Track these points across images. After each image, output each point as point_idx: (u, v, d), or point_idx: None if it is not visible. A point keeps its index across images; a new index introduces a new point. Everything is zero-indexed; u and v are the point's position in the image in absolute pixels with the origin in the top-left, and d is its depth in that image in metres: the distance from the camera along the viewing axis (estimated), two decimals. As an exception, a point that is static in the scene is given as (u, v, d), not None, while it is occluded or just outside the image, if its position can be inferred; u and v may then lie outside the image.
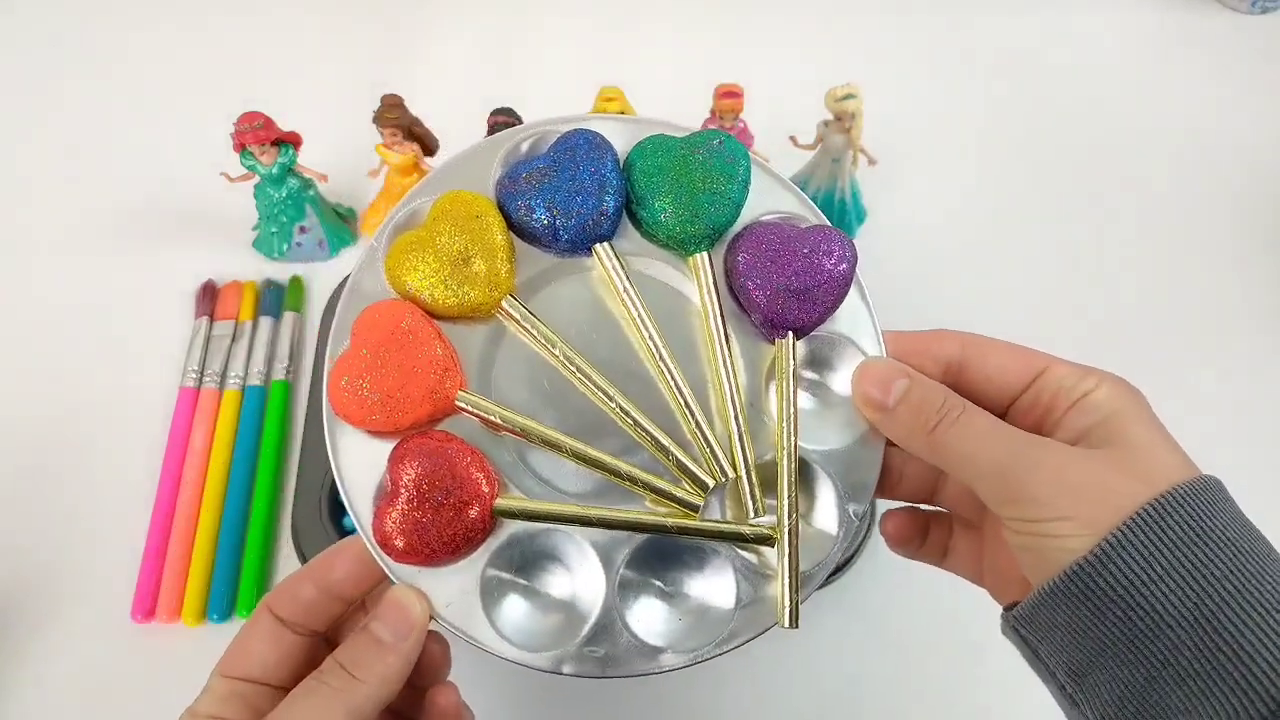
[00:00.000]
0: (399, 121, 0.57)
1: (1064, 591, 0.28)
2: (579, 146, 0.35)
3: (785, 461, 0.33)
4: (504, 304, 0.34)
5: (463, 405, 0.33)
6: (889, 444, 0.35)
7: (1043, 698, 0.50)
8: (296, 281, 0.63)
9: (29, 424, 0.57)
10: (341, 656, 0.31)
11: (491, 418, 0.33)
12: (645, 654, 0.32)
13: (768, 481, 0.34)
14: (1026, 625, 0.30)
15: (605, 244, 0.35)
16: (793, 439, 0.34)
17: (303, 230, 0.62)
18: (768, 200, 0.36)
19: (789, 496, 0.33)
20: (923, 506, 0.39)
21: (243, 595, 0.51)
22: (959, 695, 0.50)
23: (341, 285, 0.60)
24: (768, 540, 0.33)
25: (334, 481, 0.53)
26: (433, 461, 0.32)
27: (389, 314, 0.33)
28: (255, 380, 0.58)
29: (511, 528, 0.33)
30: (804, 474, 0.34)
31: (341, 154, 0.64)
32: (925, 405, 0.32)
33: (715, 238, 0.35)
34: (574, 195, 0.34)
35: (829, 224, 0.36)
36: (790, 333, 0.35)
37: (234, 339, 0.60)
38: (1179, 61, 0.77)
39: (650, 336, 0.35)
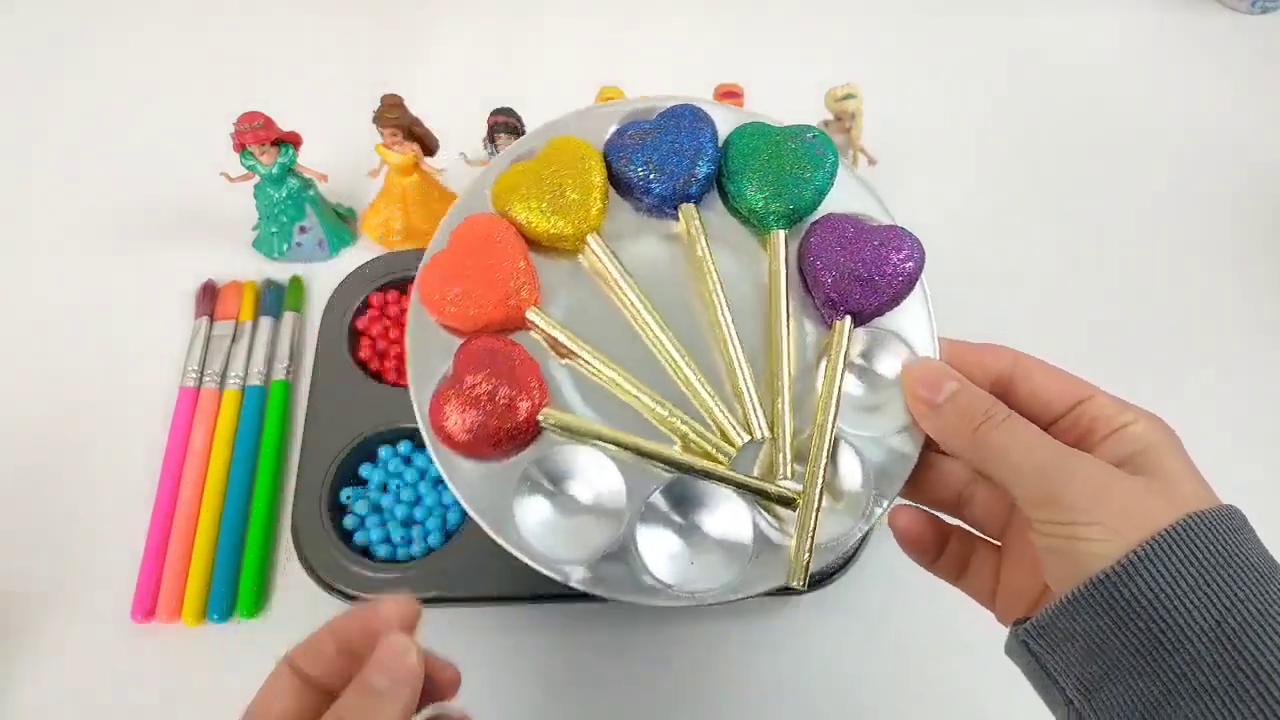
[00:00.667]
0: (399, 121, 0.57)
1: (1088, 599, 0.28)
2: (684, 116, 0.39)
3: (822, 433, 0.35)
4: (589, 240, 0.37)
5: (533, 319, 0.36)
6: (926, 445, 0.36)
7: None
8: (296, 281, 0.63)
9: (29, 424, 0.57)
10: (342, 711, 0.30)
11: (556, 334, 0.36)
12: (652, 588, 0.34)
13: (800, 454, 0.35)
14: (1040, 637, 0.30)
15: (692, 205, 0.38)
16: (833, 414, 0.35)
17: (303, 230, 0.62)
18: (849, 199, 0.39)
19: (819, 464, 0.34)
20: (945, 519, 0.38)
21: (243, 595, 0.51)
22: (959, 695, 0.50)
23: (341, 285, 0.60)
24: (790, 502, 0.35)
25: (334, 482, 0.53)
26: (494, 359, 0.35)
27: (486, 225, 0.37)
28: (255, 380, 0.58)
29: (551, 440, 0.35)
30: (837, 452, 0.36)
31: (341, 154, 0.64)
32: (972, 407, 0.33)
33: (794, 219, 0.38)
34: (671, 155, 0.37)
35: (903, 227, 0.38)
36: (849, 316, 0.37)
37: (234, 339, 0.60)
38: (1179, 61, 0.77)
39: (717, 294, 0.37)
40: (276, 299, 0.62)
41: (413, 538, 0.52)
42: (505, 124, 0.56)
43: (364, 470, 0.54)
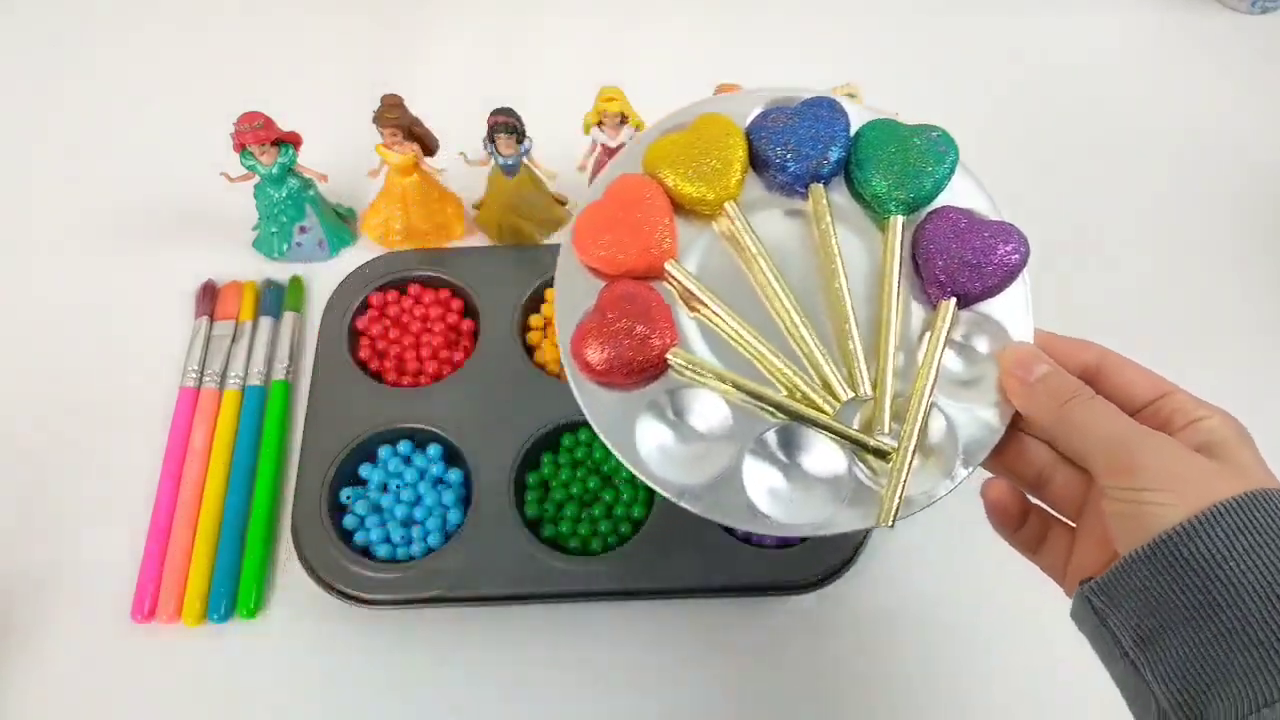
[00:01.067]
0: (399, 121, 0.57)
1: (1150, 557, 0.31)
2: (822, 106, 0.43)
3: (920, 397, 0.39)
4: (726, 206, 0.41)
5: (670, 270, 0.40)
6: (1012, 423, 0.39)
7: (1042, 697, 0.51)
8: (296, 281, 0.63)
9: (30, 424, 0.58)
10: None
11: (690, 285, 0.40)
12: (751, 513, 0.38)
13: (897, 414, 0.39)
14: (1103, 593, 0.33)
15: (821, 185, 0.42)
16: (931, 382, 0.39)
17: (303, 230, 0.62)
18: (964, 194, 0.42)
19: (916, 424, 0.38)
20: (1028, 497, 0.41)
21: (243, 596, 0.51)
22: (958, 695, 0.51)
23: (341, 285, 0.60)
24: (884, 455, 0.38)
25: (334, 482, 0.53)
26: (633, 299, 0.39)
27: (638, 184, 0.41)
28: (255, 380, 0.58)
29: (674, 379, 0.39)
30: (931, 416, 0.39)
31: (341, 154, 0.63)
32: (1061, 387, 0.37)
33: (913, 207, 0.41)
34: (808, 139, 0.42)
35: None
36: (954, 298, 0.40)
37: (234, 339, 0.60)
38: (1179, 61, 0.77)
39: (837, 265, 0.41)
40: (276, 299, 0.62)
41: (412, 537, 0.52)
42: (505, 124, 0.56)
43: (364, 470, 0.54)
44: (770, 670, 0.51)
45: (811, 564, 0.50)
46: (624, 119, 0.57)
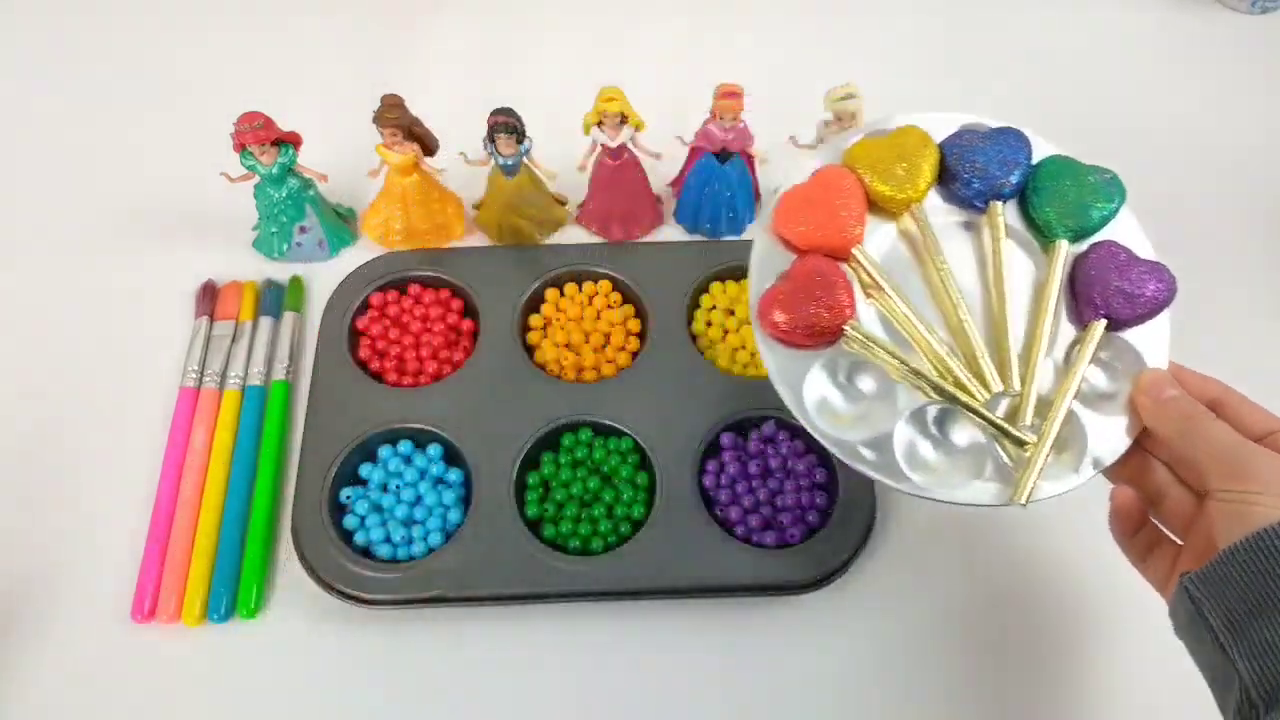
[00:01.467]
0: (399, 121, 0.57)
1: (1250, 548, 0.35)
2: (1010, 135, 0.48)
3: (1063, 398, 0.44)
4: (913, 208, 0.47)
5: (856, 254, 0.46)
6: (1137, 441, 0.44)
7: (1041, 696, 0.51)
8: (296, 281, 0.63)
9: (30, 423, 0.58)
10: None
11: (871, 270, 0.45)
12: (896, 473, 0.43)
13: (1039, 411, 0.44)
14: (1201, 583, 0.37)
15: (1000, 202, 0.47)
16: (1074, 389, 0.44)
17: (303, 230, 0.62)
18: (1126, 234, 0.48)
19: (1056, 421, 0.43)
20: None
21: (243, 595, 0.51)
22: (958, 695, 0.51)
23: (341, 285, 0.60)
24: (1023, 443, 0.43)
25: (334, 481, 0.53)
26: (822, 273, 0.44)
27: (840, 174, 0.47)
28: (255, 380, 0.58)
29: (847, 348, 0.44)
30: (1069, 418, 0.44)
31: (342, 154, 0.63)
32: (1187, 408, 0.42)
33: (1078, 236, 0.47)
34: (995, 161, 0.47)
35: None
36: (1105, 320, 0.45)
37: (234, 339, 0.60)
38: (1178, 61, 0.77)
39: (1003, 274, 0.46)
40: (276, 299, 0.62)
41: (413, 537, 0.52)
42: (505, 124, 0.56)
43: (364, 470, 0.54)
44: (770, 670, 0.51)
45: (811, 564, 0.50)
46: (624, 119, 0.57)
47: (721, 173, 0.60)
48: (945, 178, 0.48)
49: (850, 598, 0.52)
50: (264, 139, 0.56)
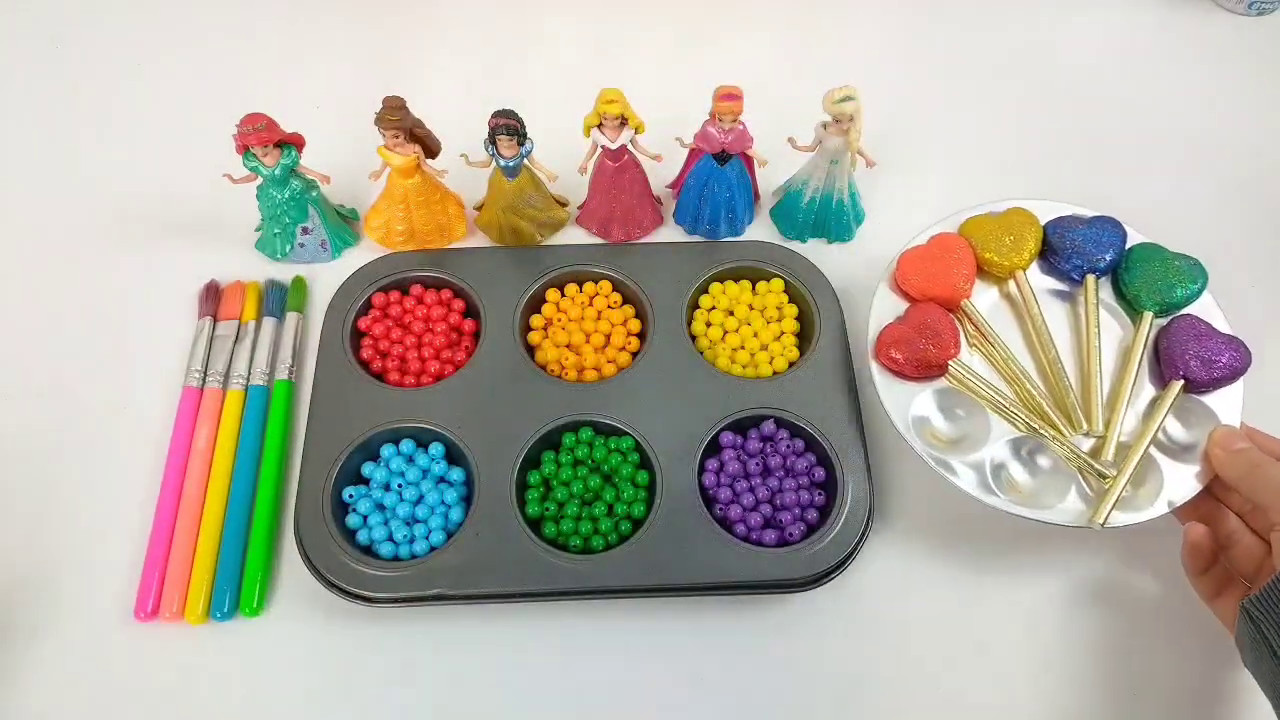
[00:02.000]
0: (401, 123, 0.57)
1: None
2: (1107, 222, 0.58)
3: (1141, 442, 0.51)
4: (1017, 274, 0.57)
5: (965, 307, 0.56)
6: (1209, 488, 0.50)
7: (1042, 697, 0.51)
8: (299, 282, 0.63)
9: (33, 423, 0.58)
10: None
11: (978, 320, 0.55)
12: (986, 491, 0.50)
13: (1119, 453, 0.52)
14: (1260, 603, 0.41)
15: (1094, 276, 0.57)
16: (1153, 434, 0.52)
17: (305, 231, 0.62)
18: (1205, 310, 0.56)
19: (1135, 459, 0.51)
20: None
21: (246, 594, 0.52)
22: (958, 695, 0.51)
23: (344, 285, 0.60)
24: (1104, 476, 0.50)
25: (337, 481, 0.53)
26: (934, 315, 0.54)
27: (955, 240, 0.57)
28: (258, 380, 0.58)
29: (949, 382, 0.53)
30: (1145, 460, 0.51)
31: (344, 156, 0.64)
32: (1256, 456, 0.49)
33: (1164, 311, 0.55)
34: (1091, 241, 0.57)
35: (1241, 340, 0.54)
36: (1182, 381, 0.53)
37: (237, 339, 0.60)
38: (1175, 63, 0.77)
39: (1094, 337, 0.55)
40: (279, 299, 0.62)
41: (415, 536, 0.52)
42: (506, 126, 0.57)
43: (367, 469, 0.54)
44: (770, 667, 0.51)
45: (811, 563, 0.51)
46: (624, 121, 0.57)
47: (721, 174, 0.61)
48: (1047, 252, 0.58)
49: (850, 596, 0.53)
50: (266, 140, 0.57)
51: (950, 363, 0.52)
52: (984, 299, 0.57)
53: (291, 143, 0.59)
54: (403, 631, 0.52)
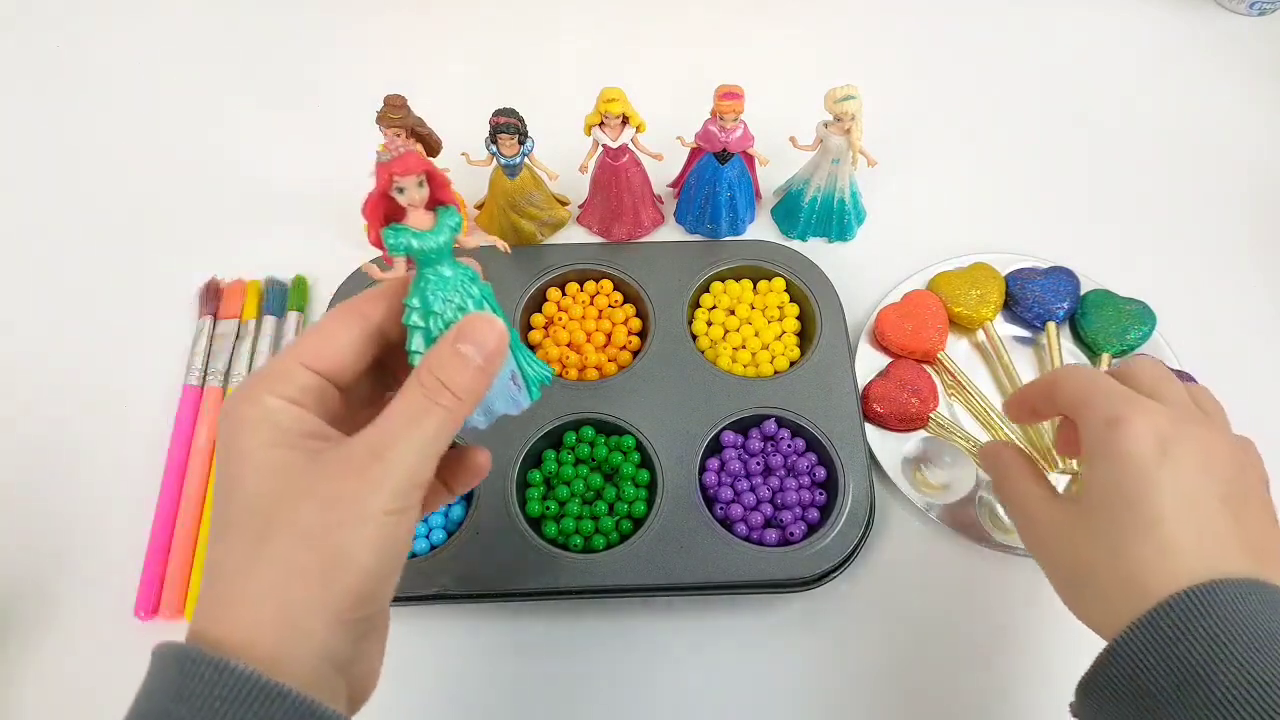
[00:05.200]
0: (402, 122, 0.57)
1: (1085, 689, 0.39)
2: (1063, 273, 0.62)
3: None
4: (985, 325, 0.61)
5: (942, 359, 0.59)
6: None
7: (1042, 698, 0.51)
8: (300, 281, 0.63)
9: (33, 421, 0.58)
10: (440, 374, 0.31)
11: (955, 372, 0.59)
12: (978, 532, 0.54)
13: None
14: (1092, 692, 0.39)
15: (1054, 324, 0.60)
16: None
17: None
18: (1156, 349, 0.60)
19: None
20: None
21: (246, 592, 0.51)
22: (958, 694, 0.51)
23: (344, 284, 0.60)
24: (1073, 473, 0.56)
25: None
26: (914, 372, 0.58)
27: (926, 297, 0.61)
28: (259, 379, 0.58)
29: (930, 431, 0.57)
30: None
31: (343, 155, 0.64)
32: (985, 458, 0.45)
33: (1120, 352, 0.59)
34: (1049, 291, 0.61)
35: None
36: None
37: (238, 337, 0.60)
38: (1176, 63, 0.77)
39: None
40: (280, 298, 0.62)
41: (415, 535, 0.52)
42: (507, 124, 0.57)
43: (367, 468, 0.54)
44: (771, 666, 0.51)
45: (812, 562, 0.51)
46: (625, 120, 0.57)
47: (722, 173, 0.61)
48: (1010, 303, 0.62)
49: (851, 595, 0.53)
50: (412, 169, 0.33)
51: (931, 414, 0.57)
52: (957, 349, 0.61)
53: (446, 200, 0.35)
54: (403, 630, 0.51)
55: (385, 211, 0.34)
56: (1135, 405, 0.37)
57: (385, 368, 0.35)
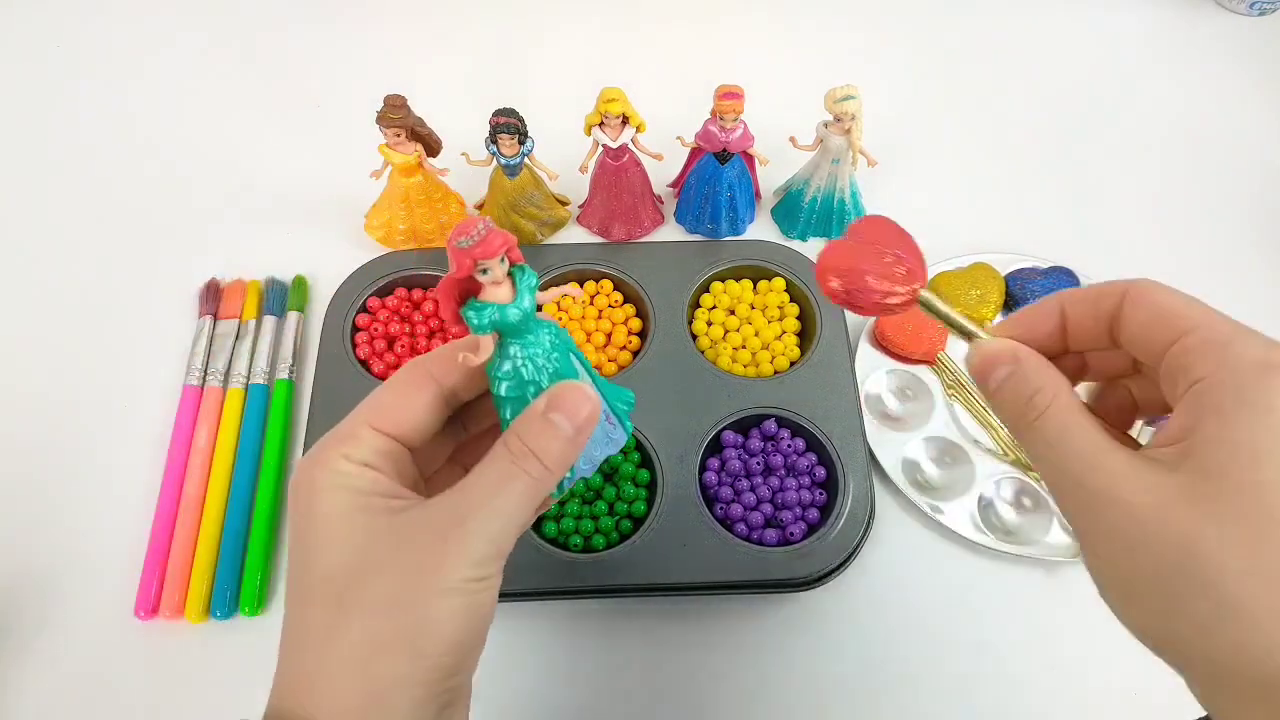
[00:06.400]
0: (402, 122, 0.57)
1: None
2: (1061, 271, 0.61)
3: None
4: (986, 325, 0.48)
5: (942, 360, 0.59)
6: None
7: (1044, 698, 0.51)
8: (300, 281, 0.63)
9: (33, 421, 0.58)
10: (529, 442, 0.30)
11: (955, 370, 0.59)
12: (977, 529, 0.54)
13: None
14: None
15: None
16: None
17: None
18: None
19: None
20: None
21: (245, 593, 0.51)
22: (958, 694, 0.51)
23: (344, 284, 0.60)
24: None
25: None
26: (897, 233, 0.33)
27: (922, 325, 0.60)
28: (259, 379, 0.58)
29: (938, 375, 0.57)
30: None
31: (342, 155, 0.64)
32: (1019, 394, 0.29)
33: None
34: (1048, 291, 0.58)
35: None
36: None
37: (238, 337, 0.60)
38: (1177, 62, 0.77)
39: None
40: (280, 298, 0.62)
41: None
42: (507, 124, 0.57)
43: (367, 468, 0.54)
44: (771, 666, 0.51)
45: (812, 562, 0.51)
46: (625, 120, 0.57)
47: (722, 173, 0.61)
48: (1010, 303, 0.61)
49: (851, 594, 0.52)
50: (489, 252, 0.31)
51: (923, 289, 0.34)
52: (957, 349, 0.59)
53: (517, 260, 0.33)
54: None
55: (460, 292, 0.32)
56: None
57: (455, 423, 0.34)
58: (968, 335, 0.32)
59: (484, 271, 0.31)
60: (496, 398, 0.32)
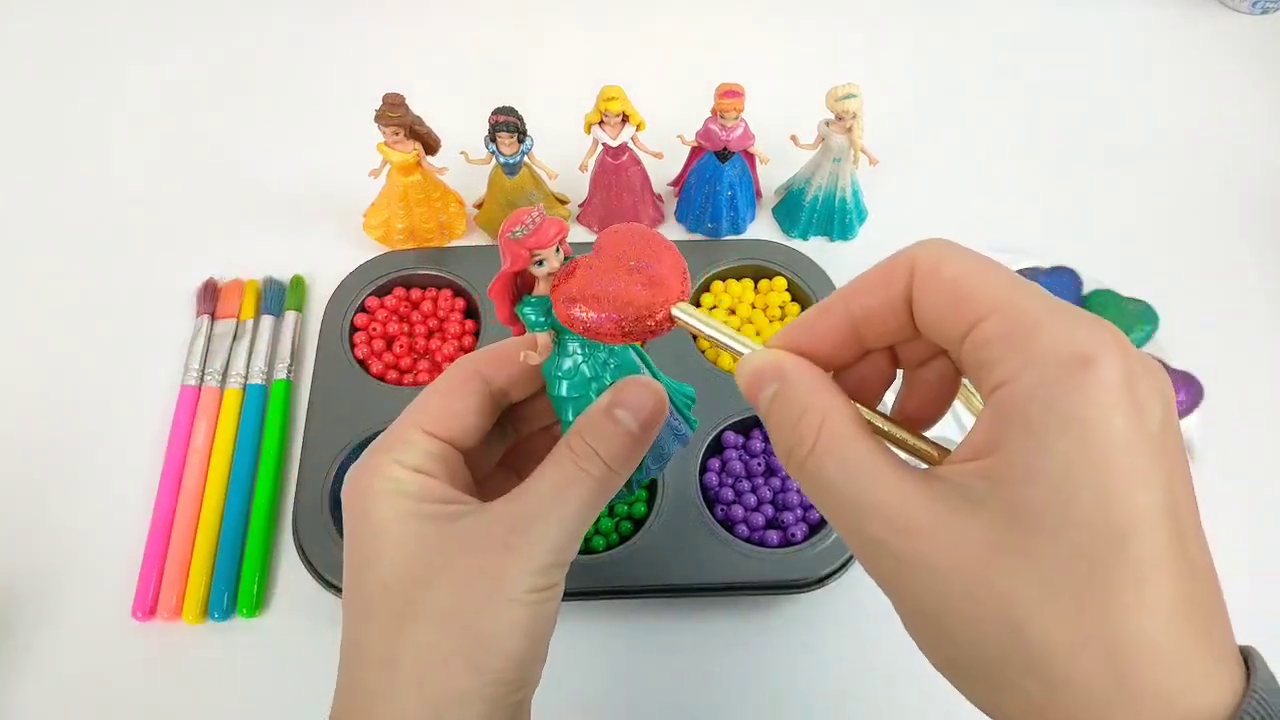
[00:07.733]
0: (401, 120, 0.57)
1: None
2: (1065, 272, 0.61)
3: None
4: None
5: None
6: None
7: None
8: (298, 280, 0.63)
9: (30, 421, 0.57)
10: (592, 440, 0.28)
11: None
12: None
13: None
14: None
15: None
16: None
17: None
18: (1161, 351, 0.59)
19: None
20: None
21: (243, 594, 0.51)
22: (961, 697, 0.50)
23: (343, 284, 0.60)
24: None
25: (335, 480, 0.53)
26: (641, 235, 0.29)
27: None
28: (257, 379, 0.58)
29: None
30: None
31: (341, 155, 0.63)
32: (782, 421, 0.24)
33: None
34: (1050, 291, 0.62)
35: None
36: None
37: (235, 337, 0.60)
38: (1178, 62, 0.77)
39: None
40: (278, 297, 0.62)
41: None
42: (506, 123, 0.56)
43: (365, 469, 0.54)
44: (773, 668, 0.51)
45: (814, 563, 0.50)
46: (625, 118, 0.57)
47: (722, 172, 0.60)
48: None
49: (853, 595, 0.52)
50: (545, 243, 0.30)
51: (677, 306, 0.28)
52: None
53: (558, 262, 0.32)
54: (402, 632, 0.51)
55: (514, 289, 0.30)
56: (1099, 332, 0.21)
57: (504, 424, 0.33)
58: (735, 351, 0.27)
59: (539, 263, 0.29)
60: (557, 399, 0.30)
